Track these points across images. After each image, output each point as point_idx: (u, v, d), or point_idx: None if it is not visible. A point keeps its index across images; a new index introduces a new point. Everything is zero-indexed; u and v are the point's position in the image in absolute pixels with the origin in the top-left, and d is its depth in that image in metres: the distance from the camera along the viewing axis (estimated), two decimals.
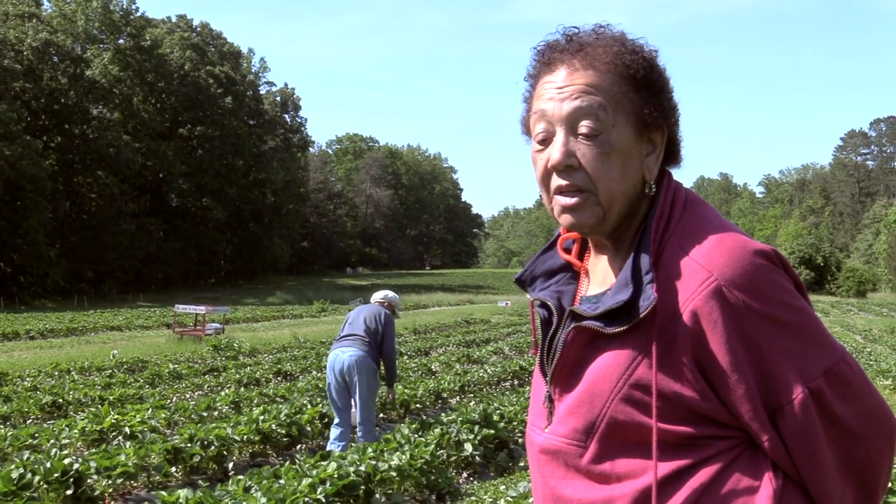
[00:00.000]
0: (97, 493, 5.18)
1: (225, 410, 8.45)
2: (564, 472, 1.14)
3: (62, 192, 51.36)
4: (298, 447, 7.27)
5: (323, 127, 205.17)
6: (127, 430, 6.94)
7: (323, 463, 5.22)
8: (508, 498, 5.09)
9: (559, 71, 1.13)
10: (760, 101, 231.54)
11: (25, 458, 5.24)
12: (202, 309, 20.13)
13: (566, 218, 1.13)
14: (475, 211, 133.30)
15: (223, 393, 9.35)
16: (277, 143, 71.98)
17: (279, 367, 12.45)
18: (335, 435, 6.39)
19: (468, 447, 6.38)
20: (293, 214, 74.00)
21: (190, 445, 6.05)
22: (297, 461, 5.89)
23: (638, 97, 1.12)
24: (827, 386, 1.06)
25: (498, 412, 7.43)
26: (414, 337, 20.30)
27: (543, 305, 1.22)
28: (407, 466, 5.42)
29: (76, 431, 6.87)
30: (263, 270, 70.49)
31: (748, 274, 1.04)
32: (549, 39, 1.17)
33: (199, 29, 69.70)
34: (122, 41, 57.32)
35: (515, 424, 7.35)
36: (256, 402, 8.91)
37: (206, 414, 8.06)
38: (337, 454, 5.59)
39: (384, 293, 6.89)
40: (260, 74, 76.50)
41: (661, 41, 1.20)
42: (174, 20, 67.91)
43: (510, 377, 11.91)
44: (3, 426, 7.81)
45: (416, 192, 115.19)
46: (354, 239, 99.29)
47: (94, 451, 6.00)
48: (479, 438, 6.55)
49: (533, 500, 1.24)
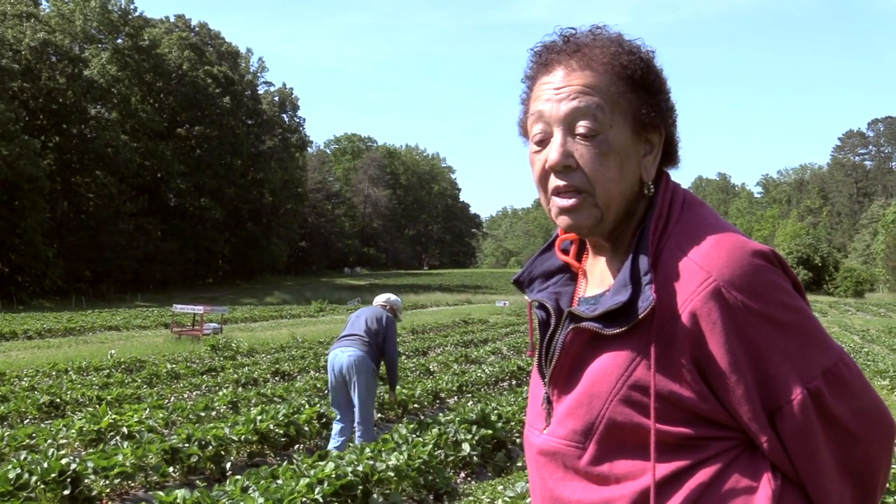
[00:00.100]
0: (94, 493, 5.18)
1: (223, 410, 8.45)
2: (563, 473, 1.13)
3: (60, 191, 51.23)
4: (296, 447, 7.27)
5: (321, 127, 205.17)
6: (124, 430, 6.94)
7: (321, 463, 5.22)
8: (506, 498, 5.09)
9: (556, 72, 1.13)
10: (759, 101, 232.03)
11: (23, 458, 5.23)
12: (200, 309, 20.16)
13: (564, 219, 1.12)
14: (473, 211, 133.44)
15: (221, 393, 9.36)
16: (276, 142, 71.89)
17: (277, 367, 12.46)
18: (336, 430, 6.41)
19: (466, 447, 6.38)
20: (291, 214, 74.02)
21: (187, 445, 6.05)
22: (294, 461, 5.88)
23: (635, 98, 1.12)
24: (826, 386, 1.05)
25: (496, 412, 7.44)
26: (412, 337, 20.29)
27: (541, 307, 1.22)
28: (405, 466, 5.42)
29: (73, 431, 6.87)
30: (261, 270, 70.43)
31: (747, 274, 1.04)
32: (545, 41, 1.17)
33: (197, 29, 69.64)
34: (120, 41, 57.29)
35: (513, 424, 7.35)
36: (254, 402, 8.91)
37: (203, 414, 8.06)
38: (335, 454, 5.59)
39: (386, 296, 6.90)
40: (258, 74, 76.45)
41: (660, 41, 1.20)
42: (172, 20, 67.87)
43: (508, 377, 11.92)
44: (0, 426, 7.80)
45: (414, 192, 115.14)
46: (352, 239, 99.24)
47: (91, 451, 6.00)
48: (476, 438, 6.56)
49: (531, 501, 1.24)
